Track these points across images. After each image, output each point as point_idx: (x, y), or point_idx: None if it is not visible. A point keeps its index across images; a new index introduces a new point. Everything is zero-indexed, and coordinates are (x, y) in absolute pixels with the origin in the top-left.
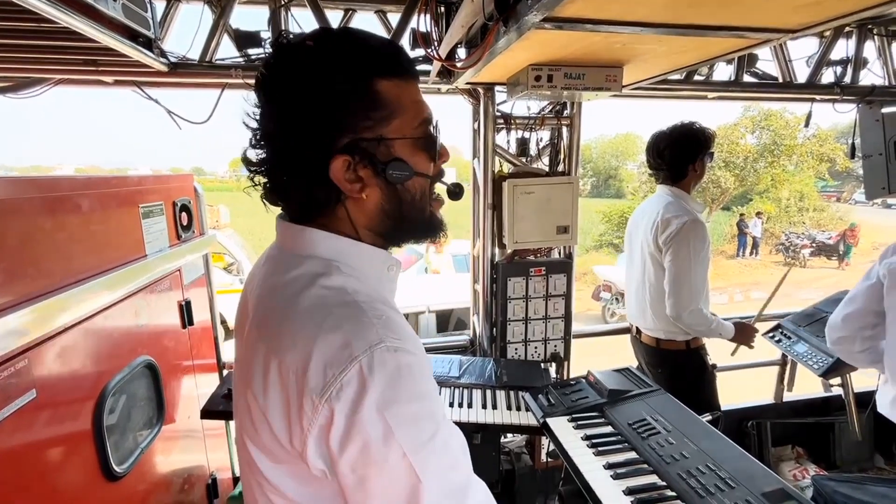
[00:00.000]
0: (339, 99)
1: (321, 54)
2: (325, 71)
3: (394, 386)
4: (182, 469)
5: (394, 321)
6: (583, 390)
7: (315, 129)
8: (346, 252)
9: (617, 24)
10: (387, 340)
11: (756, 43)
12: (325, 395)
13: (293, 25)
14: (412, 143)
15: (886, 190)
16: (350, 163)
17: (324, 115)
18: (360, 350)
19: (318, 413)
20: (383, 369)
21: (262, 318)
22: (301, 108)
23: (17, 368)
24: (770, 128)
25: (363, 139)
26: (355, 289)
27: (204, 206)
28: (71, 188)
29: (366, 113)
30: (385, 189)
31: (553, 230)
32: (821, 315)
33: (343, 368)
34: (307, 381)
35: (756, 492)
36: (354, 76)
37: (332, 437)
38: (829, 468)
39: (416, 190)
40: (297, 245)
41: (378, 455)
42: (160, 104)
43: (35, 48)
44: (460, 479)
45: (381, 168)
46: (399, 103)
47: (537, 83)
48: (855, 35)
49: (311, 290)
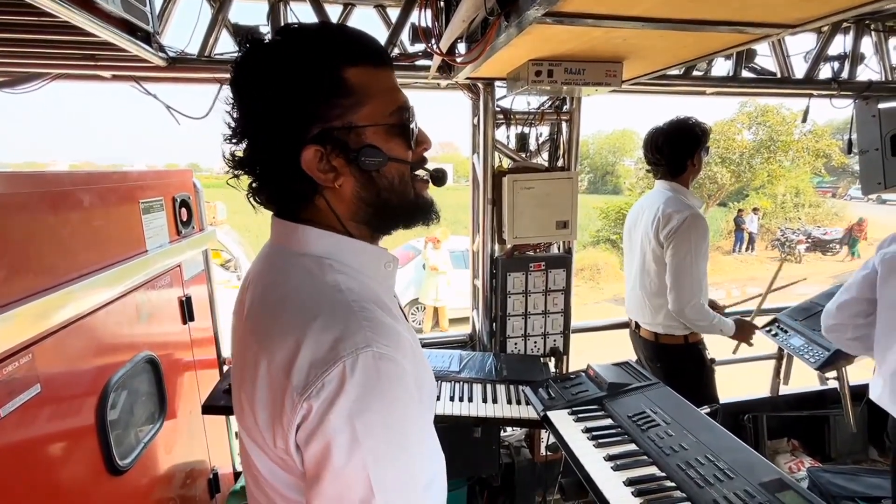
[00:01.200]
0: (306, 89)
1: (287, 47)
2: (291, 63)
3: (370, 393)
4: (184, 463)
5: (384, 324)
6: (583, 384)
7: (284, 122)
8: (339, 249)
9: (618, 18)
10: (374, 345)
11: (755, 38)
12: (305, 394)
13: (293, 20)
14: (386, 129)
15: (882, 185)
16: (322, 153)
17: (292, 106)
18: (347, 351)
19: (296, 411)
20: (364, 374)
21: (255, 315)
22: (269, 102)
23: (22, 363)
24: (767, 124)
25: (333, 128)
26: (348, 287)
27: (203, 201)
28: (72, 184)
29: (335, 101)
30: (359, 177)
31: (552, 225)
32: (817, 309)
33: (327, 368)
34: (291, 380)
35: (754, 482)
36: (321, 65)
37: (302, 431)
38: (824, 460)
39: (392, 176)
40: (291, 243)
41: (338, 460)
42: (158, 99)
43: (33, 42)
44: (416, 497)
45: (354, 155)
46: (369, 90)
47: (538, 78)
48: (852, 31)
49: (303, 289)
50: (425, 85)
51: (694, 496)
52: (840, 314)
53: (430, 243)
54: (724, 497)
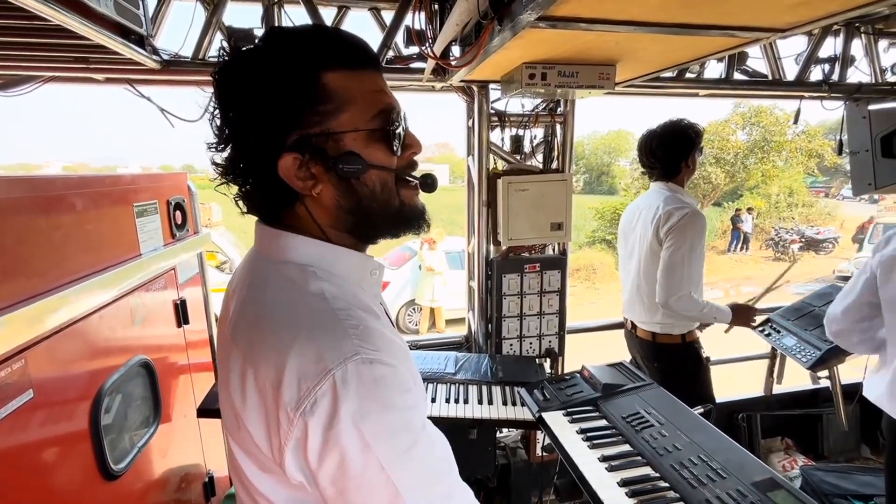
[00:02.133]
0: (282, 96)
1: (266, 53)
2: (268, 69)
3: (369, 398)
4: (179, 467)
5: (371, 330)
6: (577, 385)
7: (262, 129)
8: (322, 257)
9: (611, 23)
10: (362, 352)
11: (746, 42)
12: (299, 409)
13: (286, 23)
14: (366, 135)
15: (872, 186)
16: (301, 160)
17: (269, 113)
18: (334, 362)
19: (293, 427)
20: (358, 381)
21: (239, 324)
22: (247, 109)
23: (14, 369)
24: (760, 124)
25: (311, 135)
26: (333, 295)
27: (197, 204)
28: (65, 187)
29: (312, 108)
30: (338, 185)
31: (547, 227)
32: (809, 309)
33: (317, 382)
34: (282, 394)
35: (746, 481)
36: (298, 71)
37: (309, 451)
38: (817, 459)
39: (373, 184)
40: (273, 250)
41: (355, 469)
42: (152, 102)
43: (25, 45)
44: (442, 489)
45: (332, 163)
46: (349, 95)
47: (531, 81)
48: (843, 33)
49: (286, 299)
50: (420, 87)
51: (687, 496)
52: (845, 319)
53: (426, 244)
54: (716, 497)
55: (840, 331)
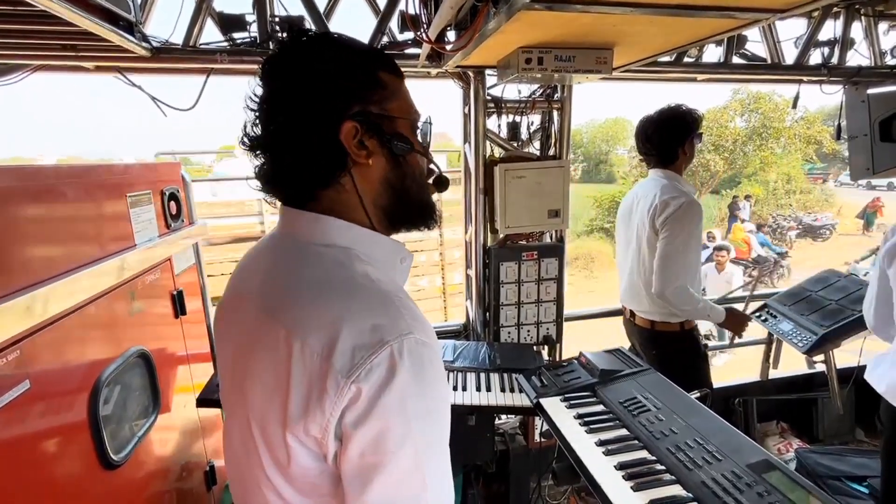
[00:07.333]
0: (350, 72)
1: (333, 40)
2: (337, 50)
3: (419, 378)
4: (179, 457)
5: (418, 314)
6: (575, 371)
7: (330, 96)
8: (361, 241)
9: (608, 3)
10: (416, 332)
11: (745, 23)
12: (352, 376)
13: (279, 9)
14: (410, 125)
15: (871, 171)
16: (357, 130)
17: (338, 82)
18: (392, 336)
19: (342, 394)
20: (411, 358)
21: (279, 302)
22: (315, 78)
23: (10, 360)
24: (759, 111)
25: (371, 112)
26: (378, 277)
27: (192, 194)
28: (57, 177)
29: (373, 90)
30: (389, 159)
31: (544, 214)
32: (805, 294)
33: (374, 351)
34: (332, 363)
35: (742, 463)
36: (362, 59)
37: (351, 414)
38: (811, 442)
39: (416, 166)
40: (312, 232)
41: (392, 444)
42: (144, 90)
43: (11, 33)
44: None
45: (387, 139)
46: (398, 92)
47: (528, 66)
48: (842, 15)
49: (336, 277)
50: (415, 74)
51: (683, 478)
52: (877, 315)
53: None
54: (712, 479)
55: (875, 327)
